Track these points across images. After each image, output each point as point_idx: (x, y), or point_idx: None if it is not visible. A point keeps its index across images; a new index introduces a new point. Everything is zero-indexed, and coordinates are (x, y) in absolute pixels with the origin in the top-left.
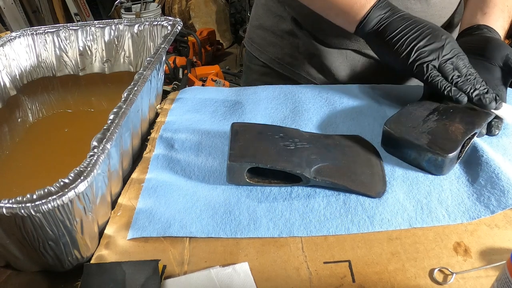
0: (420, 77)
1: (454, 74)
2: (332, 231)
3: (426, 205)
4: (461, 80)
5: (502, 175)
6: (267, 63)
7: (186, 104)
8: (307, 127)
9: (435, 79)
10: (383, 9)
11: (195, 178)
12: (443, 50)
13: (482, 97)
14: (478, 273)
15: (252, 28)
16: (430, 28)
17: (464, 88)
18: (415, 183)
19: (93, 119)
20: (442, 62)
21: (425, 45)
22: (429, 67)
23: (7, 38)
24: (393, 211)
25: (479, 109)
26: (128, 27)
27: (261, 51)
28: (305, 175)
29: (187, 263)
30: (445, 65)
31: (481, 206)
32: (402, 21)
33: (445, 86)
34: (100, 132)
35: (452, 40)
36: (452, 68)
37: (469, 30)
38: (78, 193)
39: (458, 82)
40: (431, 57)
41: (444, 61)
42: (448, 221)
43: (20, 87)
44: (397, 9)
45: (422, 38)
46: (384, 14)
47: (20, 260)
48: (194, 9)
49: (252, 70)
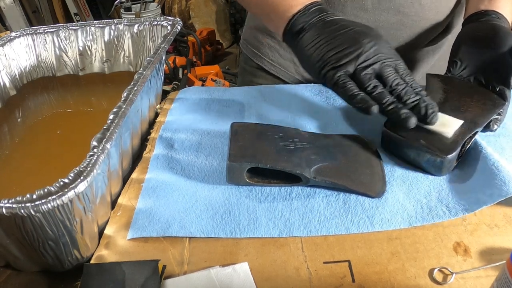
0: (329, 86)
1: (371, 83)
2: (332, 231)
3: (426, 204)
4: (377, 91)
5: (502, 167)
6: (262, 65)
7: (186, 104)
8: (307, 127)
9: (342, 85)
10: (308, 16)
11: (195, 178)
12: (360, 56)
13: (396, 112)
14: (478, 273)
15: (248, 29)
16: (352, 32)
17: (379, 99)
18: (415, 183)
19: (93, 119)
20: (359, 69)
21: (337, 51)
22: (337, 74)
23: (7, 38)
24: (393, 211)
25: (483, 106)
26: (128, 27)
27: (257, 53)
28: (305, 175)
29: (187, 263)
30: (362, 73)
31: (483, 196)
32: (320, 29)
33: (352, 93)
34: (100, 132)
35: (379, 45)
36: (369, 76)
37: (475, 16)
38: (78, 193)
39: (374, 92)
40: (341, 63)
41: (362, 68)
42: (449, 216)
43: (20, 87)
44: (324, 15)
45: (336, 45)
46: (308, 21)
47: (20, 260)
48: (194, 9)
49: (247, 72)
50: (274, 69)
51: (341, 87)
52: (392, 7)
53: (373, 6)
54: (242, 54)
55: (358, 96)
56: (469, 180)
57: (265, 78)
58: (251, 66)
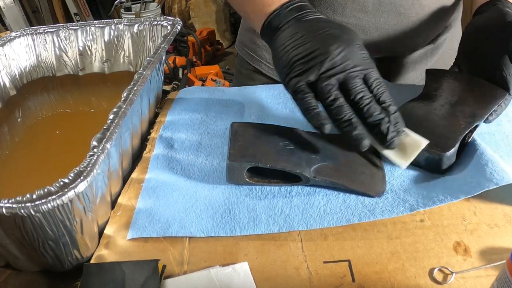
0: (290, 94)
1: (330, 95)
2: (332, 223)
3: (427, 195)
4: (335, 104)
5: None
6: (258, 68)
7: (186, 104)
8: (307, 127)
9: (300, 96)
10: (285, 15)
11: (195, 178)
12: (324, 64)
13: (348, 132)
14: (478, 273)
15: (243, 31)
16: (323, 36)
17: (336, 114)
18: (415, 182)
19: (93, 119)
20: (322, 78)
21: (302, 57)
22: (298, 84)
23: (7, 38)
24: (394, 204)
25: (483, 98)
26: (128, 27)
27: (252, 56)
28: (304, 175)
29: (187, 263)
30: (324, 83)
31: (485, 181)
32: (294, 30)
33: (307, 107)
34: (100, 132)
35: (349, 51)
36: (330, 88)
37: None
38: (78, 193)
39: (332, 105)
40: (303, 71)
41: (325, 78)
42: (450, 200)
43: (20, 87)
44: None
45: (304, 50)
46: (284, 21)
47: (20, 260)
48: (194, 9)
49: (242, 74)
50: (272, 72)
51: (299, 99)
52: (392, 9)
53: (374, 7)
54: (237, 56)
55: (312, 112)
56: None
57: (261, 82)
58: (247, 69)
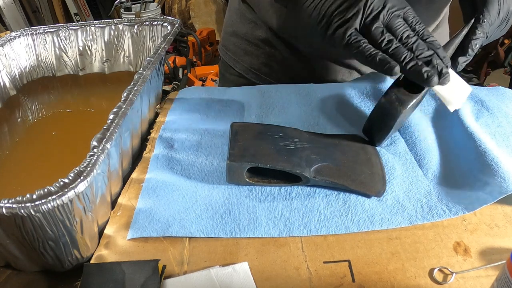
0: (340, 47)
1: (384, 37)
2: (332, 230)
3: (426, 203)
4: (393, 46)
5: (501, 163)
6: (242, 73)
7: (186, 104)
8: (307, 127)
9: (356, 45)
10: None
11: (194, 178)
12: (364, 9)
13: (418, 70)
14: (478, 273)
15: (226, 35)
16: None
17: (397, 55)
18: (415, 183)
19: (93, 119)
20: (366, 23)
21: (338, 5)
22: (347, 32)
23: (7, 38)
24: (393, 211)
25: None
26: (128, 27)
27: (236, 60)
28: (304, 175)
29: (187, 263)
30: (371, 27)
31: (483, 194)
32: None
33: (369, 53)
34: (100, 132)
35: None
36: (381, 30)
37: None
38: (78, 193)
39: (390, 48)
40: (347, 18)
41: (369, 21)
42: (449, 215)
43: (20, 87)
44: None
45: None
46: None
47: (20, 260)
48: (194, 9)
49: (227, 79)
50: (256, 77)
51: (355, 47)
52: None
53: None
54: (221, 61)
55: (377, 56)
56: (468, 178)
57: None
58: (231, 74)
